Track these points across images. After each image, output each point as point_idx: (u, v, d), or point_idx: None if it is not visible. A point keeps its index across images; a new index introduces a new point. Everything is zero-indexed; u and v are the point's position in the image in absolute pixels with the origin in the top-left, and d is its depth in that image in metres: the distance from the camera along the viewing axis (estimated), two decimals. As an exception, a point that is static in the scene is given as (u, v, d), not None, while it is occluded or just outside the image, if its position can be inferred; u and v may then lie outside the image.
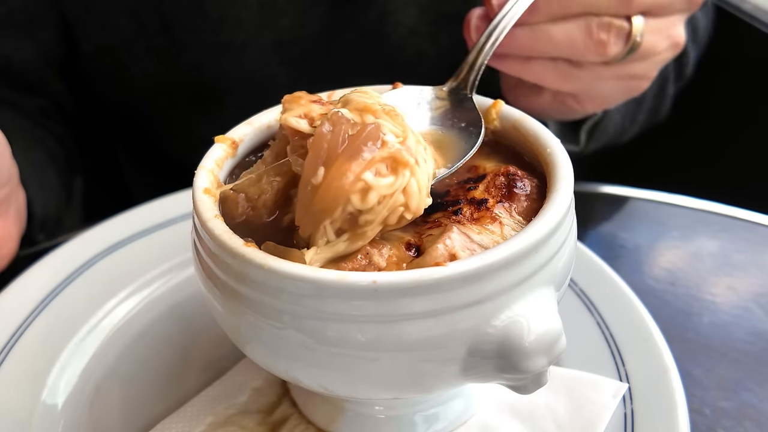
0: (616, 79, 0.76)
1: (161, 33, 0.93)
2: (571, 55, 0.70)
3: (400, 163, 0.43)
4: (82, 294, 0.70)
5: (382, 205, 0.43)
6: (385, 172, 0.43)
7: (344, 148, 0.43)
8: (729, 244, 0.82)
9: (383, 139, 0.44)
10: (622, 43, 0.69)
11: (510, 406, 0.58)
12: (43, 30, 0.95)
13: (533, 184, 0.50)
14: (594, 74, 0.74)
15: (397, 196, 0.44)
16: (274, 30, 0.94)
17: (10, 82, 0.95)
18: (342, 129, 0.44)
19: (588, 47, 0.69)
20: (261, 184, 0.49)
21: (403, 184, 0.43)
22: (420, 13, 0.95)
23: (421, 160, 0.45)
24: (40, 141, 0.93)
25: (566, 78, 0.73)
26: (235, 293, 0.44)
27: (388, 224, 0.45)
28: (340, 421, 0.57)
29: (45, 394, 0.60)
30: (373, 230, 0.44)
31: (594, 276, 0.69)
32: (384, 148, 0.43)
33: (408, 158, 0.44)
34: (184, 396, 0.60)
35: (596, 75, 0.74)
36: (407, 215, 0.44)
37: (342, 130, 0.43)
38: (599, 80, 0.75)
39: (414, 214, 0.45)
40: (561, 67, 0.72)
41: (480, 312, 0.42)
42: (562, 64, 0.72)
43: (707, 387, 0.64)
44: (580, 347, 0.62)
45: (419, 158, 0.45)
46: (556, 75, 0.73)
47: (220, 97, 0.98)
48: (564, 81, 0.74)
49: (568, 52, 0.70)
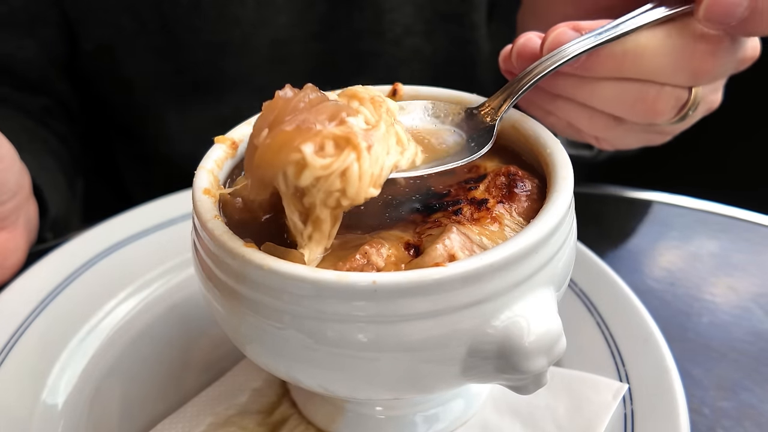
0: (644, 133, 0.69)
1: (161, 31, 0.93)
2: (614, 111, 0.63)
3: (349, 144, 0.42)
4: (82, 294, 0.70)
5: (317, 187, 0.42)
6: (331, 152, 0.41)
7: (294, 115, 0.41)
8: (729, 244, 0.82)
9: (342, 118, 0.42)
10: (674, 114, 0.62)
11: (510, 406, 0.58)
12: (45, 29, 0.95)
13: (534, 184, 0.50)
14: (627, 128, 0.66)
15: (333, 180, 0.42)
16: (272, 28, 0.94)
17: (13, 81, 0.95)
18: (300, 97, 0.42)
19: (637, 111, 0.61)
20: None
21: (341, 167, 0.41)
22: (416, 12, 0.96)
23: (379, 149, 0.43)
24: (44, 142, 0.94)
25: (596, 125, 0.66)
26: (235, 294, 0.44)
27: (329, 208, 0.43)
28: (341, 421, 0.57)
29: (45, 394, 0.60)
30: (324, 215, 0.43)
31: (594, 276, 0.69)
32: (340, 126, 0.42)
33: (359, 142, 0.42)
34: (184, 396, 0.60)
35: (628, 128, 0.67)
36: (343, 201, 0.43)
37: (299, 98, 0.42)
38: (627, 133, 0.68)
39: (351, 201, 0.43)
40: (596, 115, 0.64)
41: (480, 312, 0.42)
42: (598, 113, 0.64)
43: (707, 387, 0.64)
44: (580, 347, 0.62)
45: (378, 147, 0.43)
46: (587, 120, 0.65)
47: (218, 95, 0.98)
48: (593, 126, 0.66)
49: (611, 109, 0.62)
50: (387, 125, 0.45)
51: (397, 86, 0.60)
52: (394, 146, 0.45)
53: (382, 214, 0.49)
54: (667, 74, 0.58)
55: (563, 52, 0.54)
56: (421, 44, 0.97)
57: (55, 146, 0.95)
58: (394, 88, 0.60)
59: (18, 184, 0.71)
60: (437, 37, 0.98)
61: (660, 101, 0.60)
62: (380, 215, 0.49)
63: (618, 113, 0.63)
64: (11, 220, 0.71)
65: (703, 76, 0.58)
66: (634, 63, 0.57)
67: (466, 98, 0.59)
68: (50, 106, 0.99)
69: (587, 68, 0.57)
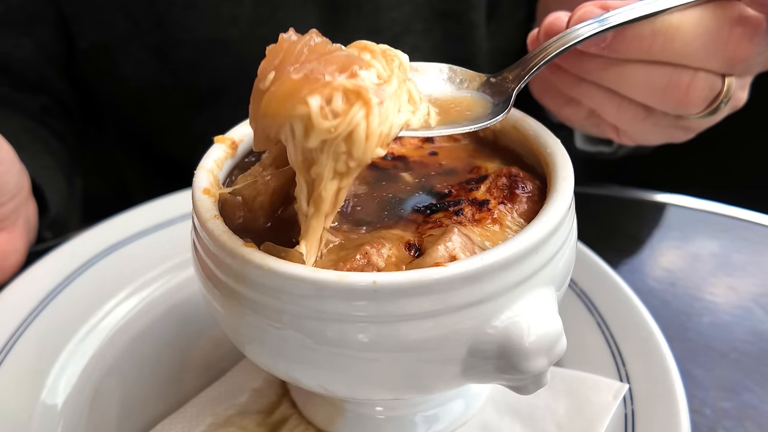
0: (670, 127, 0.65)
1: (155, 30, 0.93)
2: (643, 99, 0.60)
3: (360, 98, 0.40)
4: (82, 294, 0.70)
5: (325, 151, 0.41)
6: (339, 106, 0.39)
7: (302, 63, 0.39)
8: (729, 244, 0.82)
9: (354, 71, 0.40)
10: (706, 105, 0.58)
11: (510, 406, 0.58)
12: (41, 27, 0.95)
13: (535, 185, 0.50)
14: (655, 120, 0.63)
15: (339, 142, 0.40)
16: (269, 26, 0.94)
17: (11, 81, 0.95)
18: (305, 41, 0.40)
19: (668, 100, 0.58)
20: (257, 185, 0.49)
21: (348, 129, 0.40)
22: (415, 10, 0.96)
23: (390, 106, 0.41)
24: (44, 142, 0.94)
25: (624, 115, 0.62)
26: (235, 294, 0.44)
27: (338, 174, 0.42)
28: (340, 421, 0.56)
29: (44, 395, 0.60)
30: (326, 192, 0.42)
31: (594, 276, 0.69)
32: (351, 79, 0.40)
33: (370, 97, 0.40)
34: (184, 396, 0.60)
35: (656, 121, 0.63)
36: (350, 163, 0.41)
37: (304, 42, 0.40)
38: (654, 126, 0.64)
39: (358, 163, 0.41)
40: (624, 103, 0.61)
41: (480, 312, 0.42)
42: (627, 101, 0.61)
43: (708, 387, 0.64)
44: (581, 347, 0.62)
45: (389, 103, 0.41)
46: (614, 108, 0.62)
47: (215, 94, 0.98)
48: (621, 117, 0.63)
49: (641, 96, 0.59)
50: (399, 81, 0.43)
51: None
52: (405, 104, 0.43)
53: (383, 212, 0.49)
54: (700, 58, 0.55)
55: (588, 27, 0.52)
56: (420, 43, 0.97)
57: (54, 146, 0.95)
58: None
59: (17, 185, 0.71)
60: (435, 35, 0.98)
61: (693, 89, 0.56)
62: (381, 214, 0.49)
63: (648, 101, 0.59)
64: (11, 221, 0.72)
65: (739, 62, 0.55)
66: (665, 44, 0.54)
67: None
68: (49, 106, 0.99)
69: (614, 48, 0.54)
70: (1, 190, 0.68)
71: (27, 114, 0.95)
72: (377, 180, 0.52)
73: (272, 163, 0.50)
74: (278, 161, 0.50)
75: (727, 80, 0.58)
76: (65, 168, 0.95)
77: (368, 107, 0.40)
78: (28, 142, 0.86)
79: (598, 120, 0.67)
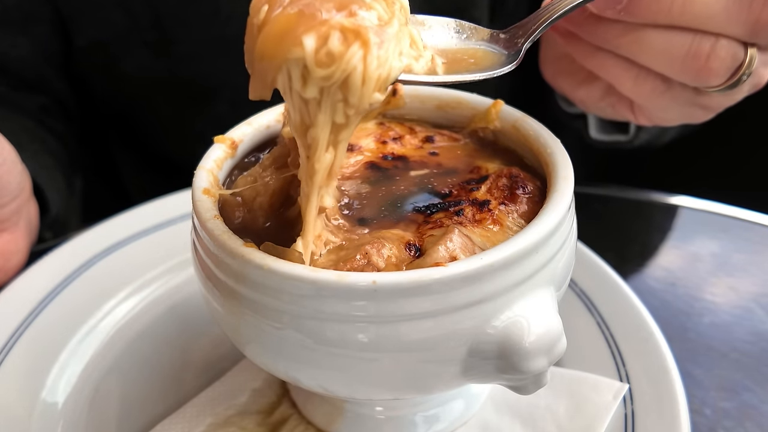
0: (689, 105, 0.63)
1: (154, 27, 0.93)
2: (660, 69, 0.57)
3: (359, 37, 0.37)
4: (82, 294, 0.70)
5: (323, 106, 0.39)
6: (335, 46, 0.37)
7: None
8: (729, 244, 0.82)
9: (353, 11, 0.38)
10: (727, 76, 0.56)
11: (510, 406, 0.58)
12: (38, 26, 0.95)
13: (535, 185, 0.50)
14: (674, 95, 0.60)
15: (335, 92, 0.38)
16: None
17: (9, 80, 0.95)
18: None
19: (687, 69, 0.55)
20: (256, 186, 0.49)
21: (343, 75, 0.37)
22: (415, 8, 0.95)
23: (390, 48, 0.39)
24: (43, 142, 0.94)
25: (642, 88, 0.59)
26: (235, 294, 0.44)
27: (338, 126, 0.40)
28: (340, 421, 0.56)
29: (44, 394, 0.60)
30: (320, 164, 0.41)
31: (594, 276, 0.69)
32: (349, 18, 0.38)
33: (369, 36, 0.37)
34: (184, 396, 0.60)
35: (675, 96, 0.60)
36: (349, 111, 0.39)
37: None
38: (673, 101, 0.61)
39: (356, 110, 0.39)
40: (642, 74, 0.58)
41: (480, 312, 0.42)
42: (645, 72, 0.58)
43: (708, 387, 0.64)
44: (581, 347, 0.62)
45: (389, 45, 0.39)
46: (632, 81, 0.59)
47: (213, 92, 0.98)
48: (638, 90, 0.60)
49: (659, 65, 0.57)
50: (400, 24, 0.41)
51: (397, 86, 0.60)
52: (407, 49, 0.41)
53: (383, 212, 0.49)
54: (721, 22, 0.52)
55: None
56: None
57: (53, 146, 0.95)
58: (394, 88, 0.60)
59: (19, 186, 0.71)
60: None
61: (714, 57, 0.54)
62: (381, 214, 0.49)
63: (667, 70, 0.57)
64: (12, 222, 0.72)
65: (763, 28, 0.53)
66: (685, 6, 0.52)
67: (466, 98, 0.59)
68: (48, 105, 0.99)
69: (631, 11, 0.52)
70: (3, 191, 0.68)
71: (25, 114, 0.95)
72: (378, 180, 0.52)
73: (272, 164, 0.50)
74: (278, 162, 0.50)
75: (750, 51, 0.56)
76: (65, 168, 0.95)
77: (367, 48, 0.37)
78: (28, 142, 0.86)
79: (614, 99, 0.65)
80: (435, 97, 0.60)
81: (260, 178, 0.49)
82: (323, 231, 0.45)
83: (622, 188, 0.90)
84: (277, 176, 0.49)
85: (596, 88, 0.65)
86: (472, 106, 0.58)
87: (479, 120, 0.58)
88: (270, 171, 0.50)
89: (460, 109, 0.59)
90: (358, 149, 0.55)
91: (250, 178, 0.50)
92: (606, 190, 0.90)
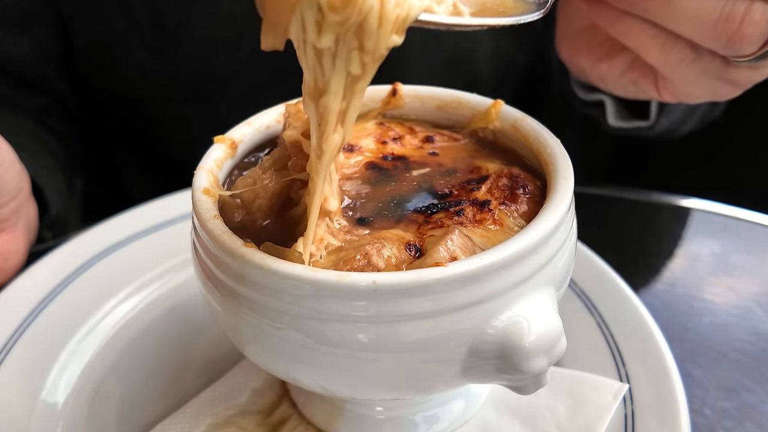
0: (716, 79, 0.59)
1: (154, 28, 0.93)
2: (690, 34, 0.53)
3: None
4: (82, 294, 0.70)
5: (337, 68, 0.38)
6: None
7: None
8: (729, 244, 0.82)
9: None
10: (761, 43, 0.52)
11: (510, 406, 0.58)
12: (38, 26, 0.95)
13: (535, 185, 0.50)
14: (702, 65, 0.57)
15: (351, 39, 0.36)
16: None
17: (9, 80, 0.95)
18: None
19: (718, 34, 0.52)
20: (255, 188, 0.49)
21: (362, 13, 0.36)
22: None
23: None
24: (43, 142, 0.94)
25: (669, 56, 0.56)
26: (235, 294, 0.44)
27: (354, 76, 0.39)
28: (340, 421, 0.56)
29: (44, 394, 0.60)
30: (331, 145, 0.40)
31: (594, 276, 0.69)
32: None
33: None
34: (184, 396, 0.60)
35: (703, 67, 0.57)
36: (365, 58, 0.38)
37: None
38: (701, 73, 0.58)
39: (373, 56, 0.38)
40: (670, 41, 0.55)
41: (480, 312, 0.42)
42: (673, 39, 0.55)
43: (708, 387, 0.64)
44: (581, 347, 0.62)
45: None
46: (658, 49, 0.55)
47: (213, 92, 0.98)
48: (665, 59, 0.56)
49: (689, 30, 0.53)
50: None
51: (397, 86, 0.60)
52: None
53: (383, 213, 0.49)
54: None
55: None
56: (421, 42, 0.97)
57: (53, 146, 0.95)
58: (394, 88, 0.60)
59: (18, 186, 0.71)
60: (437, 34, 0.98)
61: (748, 21, 0.50)
62: (382, 214, 0.49)
63: (697, 36, 0.53)
64: (11, 222, 0.72)
65: None
66: None
67: (466, 98, 0.59)
68: (48, 106, 0.99)
69: None
70: (2, 191, 0.68)
71: (26, 114, 0.95)
72: (378, 180, 0.52)
73: (272, 166, 0.50)
74: (278, 164, 0.50)
75: None
76: (65, 168, 0.95)
77: None
78: (28, 143, 0.86)
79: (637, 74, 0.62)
80: (435, 97, 0.60)
81: (260, 180, 0.49)
82: (325, 233, 0.45)
83: (622, 188, 0.90)
84: (276, 179, 0.49)
85: (618, 62, 0.62)
86: (472, 106, 0.58)
87: (479, 120, 0.58)
88: (269, 173, 0.50)
89: (460, 109, 0.59)
90: (358, 149, 0.55)
91: (250, 179, 0.50)
92: (606, 190, 0.90)
